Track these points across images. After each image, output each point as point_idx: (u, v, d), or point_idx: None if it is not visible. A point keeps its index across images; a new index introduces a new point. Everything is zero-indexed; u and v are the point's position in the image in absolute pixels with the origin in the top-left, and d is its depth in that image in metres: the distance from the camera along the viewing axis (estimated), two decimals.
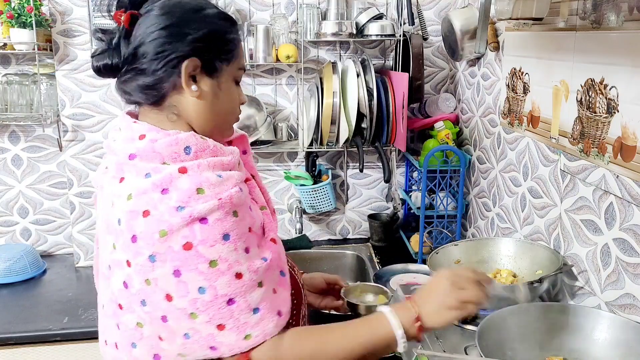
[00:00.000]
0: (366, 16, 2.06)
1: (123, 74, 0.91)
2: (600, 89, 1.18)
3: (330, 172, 2.24)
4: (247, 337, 0.86)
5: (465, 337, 1.23)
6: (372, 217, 2.32)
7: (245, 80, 2.19)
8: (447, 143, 2.00)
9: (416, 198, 2.17)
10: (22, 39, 1.94)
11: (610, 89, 1.14)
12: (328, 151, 2.26)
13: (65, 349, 1.74)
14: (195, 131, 0.92)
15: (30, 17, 1.92)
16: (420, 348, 1.22)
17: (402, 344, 0.92)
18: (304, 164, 2.25)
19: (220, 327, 0.85)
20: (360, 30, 2.07)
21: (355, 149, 2.13)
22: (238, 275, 0.84)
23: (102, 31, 0.93)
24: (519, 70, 1.58)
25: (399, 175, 2.32)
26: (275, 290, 0.91)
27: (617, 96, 1.12)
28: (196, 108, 0.92)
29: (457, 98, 2.16)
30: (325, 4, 2.11)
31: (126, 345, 0.91)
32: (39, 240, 2.27)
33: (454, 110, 2.16)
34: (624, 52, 1.10)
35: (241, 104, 1.00)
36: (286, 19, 2.11)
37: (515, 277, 1.37)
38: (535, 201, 1.53)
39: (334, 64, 2.05)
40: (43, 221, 2.25)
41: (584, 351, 1.08)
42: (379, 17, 2.07)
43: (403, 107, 1.97)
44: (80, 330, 1.73)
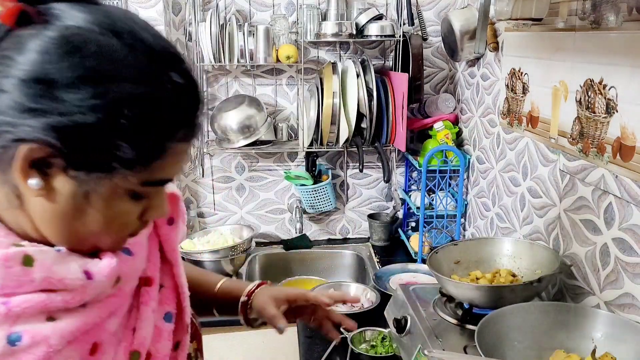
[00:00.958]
0: (366, 17, 2.06)
1: None
2: (599, 89, 1.18)
3: (330, 172, 2.25)
4: None
5: (464, 336, 1.23)
6: (372, 217, 2.32)
7: (246, 80, 2.20)
8: (447, 143, 2.01)
9: (416, 198, 2.18)
10: None
11: (609, 89, 1.15)
12: (328, 151, 2.27)
13: None
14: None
15: None
16: (420, 347, 1.22)
17: None
18: (304, 164, 2.25)
19: None
20: (360, 31, 2.08)
21: (355, 149, 2.13)
22: None
23: None
24: (519, 71, 1.59)
25: (398, 175, 2.32)
26: None
27: (616, 96, 1.12)
28: (42, 208, 0.56)
29: (457, 98, 2.17)
30: (325, 4, 2.11)
31: None
32: None
33: (454, 110, 2.16)
34: (623, 53, 1.10)
35: (157, 218, 0.65)
36: (286, 19, 2.11)
37: (514, 276, 1.37)
38: (534, 201, 1.53)
39: (334, 65, 2.05)
40: None
41: (583, 350, 1.09)
42: (379, 17, 2.08)
43: (403, 107, 1.97)
44: None
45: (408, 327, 1.31)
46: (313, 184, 2.17)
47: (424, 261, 1.96)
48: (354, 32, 2.06)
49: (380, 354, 1.45)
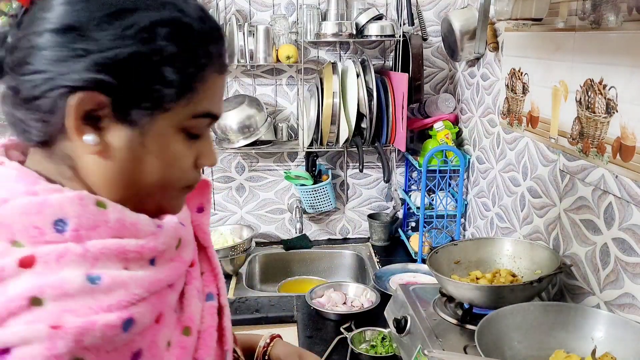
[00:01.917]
0: (366, 17, 2.06)
1: (2, 81, 0.56)
2: (599, 89, 1.18)
3: (330, 172, 2.25)
4: None
5: (464, 336, 1.23)
6: (372, 216, 2.32)
7: (246, 80, 2.20)
8: (447, 143, 2.01)
9: (416, 198, 2.18)
10: None
11: (609, 89, 1.15)
12: (328, 151, 2.27)
13: None
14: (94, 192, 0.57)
15: None
16: (420, 347, 1.22)
17: None
18: (304, 164, 2.25)
19: None
20: (360, 31, 2.08)
21: (355, 149, 2.13)
22: None
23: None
24: (518, 71, 1.59)
25: (398, 175, 2.32)
26: None
27: (616, 96, 1.13)
28: (100, 170, 0.56)
29: (457, 98, 2.17)
30: (325, 4, 2.11)
31: None
32: None
33: (454, 110, 2.16)
34: (623, 53, 1.10)
35: (209, 165, 0.63)
36: (286, 19, 2.11)
37: (514, 276, 1.37)
38: (534, 201, 1.53)
39: (334, 65, 2.05)
40: None
41: (583, 350, 1.09)
42: (379, 17, 2.08)
43: (403, 107, 1.97)
44: None
45: (408, 327, 1.32)
46: (313, 184, 2.17)
47: (424, 261, 1.96)
48: (354, 32, 2.06)
49: (380, 354, 1.46)
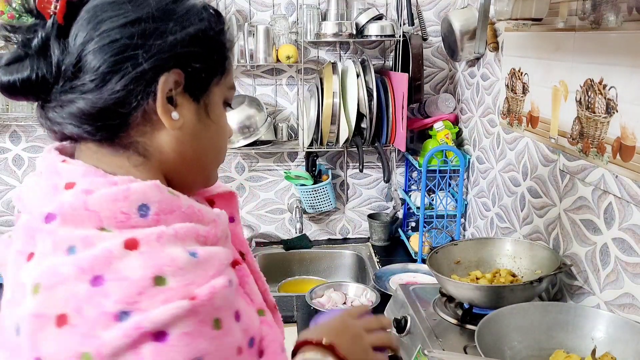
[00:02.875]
0: (366, 17, 2.06)
1: (56, 94, 0.59)
2: (599, 89, 1.18)
3: (330, 172, 2.25)
4: None
5: (464, 336, 1.24)
6: (372, 216, 2.32)
7: (246, 80, 2.20)
8: (447, 143, 2.01)
9: (416, 198, 2.18)
10: None
11: (609, 89, 1.15)
12: (328, 151, 2.27)
13: None
14: (164, 180, 0.64)
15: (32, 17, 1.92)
16: (420, 347, 1.22)
17: None
18: (304, 164, 2.25)
19: None
20: (360, 31, 2.08)
21: (355, 149, 2.13)
22: None
23: (13, 29, 0.62)
24: (518, 71, 1.59)
25: (398, 175, 2.32)
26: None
27: (616, 96, 1.13)
28: (174, 145, 0.63)
29: (457, 98, 2.17)
30: (325, 4, 2.11)
31: None
32: None
33: (454, 110, 2.16)
34: (623, 53, 1.10)
35: (230, 135, 0.72)
36: (286, 19, 2.11)
37: (514, 276, 1.37)
38: (534, 201, 1.53)
39: (334, 65, 2.05)
40: None
41: (583, 350, 1.09)
42: (379, 17, 2.08)
43: (403, 107, 1.97)
44: None
45: (408, 327, 1.32)
46: (313, 184, 2.17)
47: (424, 261, 1.96)
48: (354, 32, 2.06)
49: None
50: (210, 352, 0.52)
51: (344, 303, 1.75)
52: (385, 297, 1.64)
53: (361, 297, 1.77)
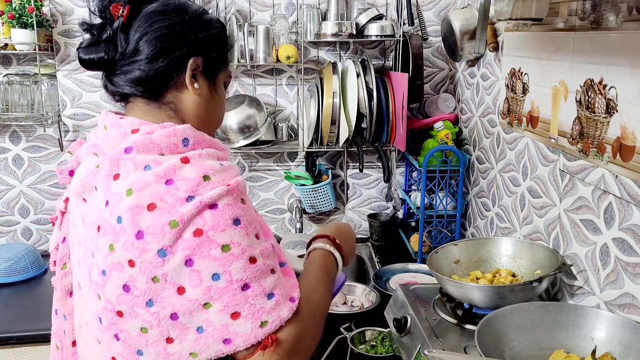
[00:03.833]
0: (366, 17, 2.06)
1: (120, 67, 0.91)
2: (599, 89, 1.18)
3: (330, 172, 2.25)
4: (262, 324, 0.83)
5: (464, 336, 1.24)
6: (371, 216, 2.32)
7: (246, 80, 2.20)
8: (447, 143, 2.01)
9: (416, 198, 2.18)
10: (23, 39, 1.95)
11: (609, 89, 1.15)
12: (328, 151, 2.27)
13: None
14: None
15: (31, 17, 1.92)
16: (420, 347, 1.22)
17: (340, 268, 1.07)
18: (304, 164, 2.25)
19: (234, 316, 0.82)
20: (360, 31, 2.08)
21: (355, 149, 2.13)
22: (252, 260, 0.83)
23: (90, 25, 0.93)
24: (518, 71, 1.59)
25: (398, 175, 2.32)
26: (285, 275, 0.90)
27: (616, 96, 1.13)
28: (194, 106, 0.96)
29: (457, 98, 2.17)
30: (325, 4, 2.11)
31: (130, 355, 0.85)
32: (40, 240, 2.27)
33: (454, 110, 2.16)
34: (623, 53, 1.10)
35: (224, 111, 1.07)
36: (286, 19, 2.11)
37: (514, 276, 1.37)
38: (534, 201, 1.53)
39: (334, 65, 2.05)
40: (44, 221, 2.26)
41: (583, 350, 1.09)
42: (379, 17, 2.08)
43: (403, 107, 1.97)
44: None
45: (408, 327, 1.32)
46: (313, 184, 2.17)
47: (424, 261, 1.96)
48: (354, 32, 2.06)
49: (380, 354, 1.46)
50: (242, 215, 0.83)
51: (344, 303, 1.75)
52: (385, 297, 1.64)
53: (361, 297, 1.77)
